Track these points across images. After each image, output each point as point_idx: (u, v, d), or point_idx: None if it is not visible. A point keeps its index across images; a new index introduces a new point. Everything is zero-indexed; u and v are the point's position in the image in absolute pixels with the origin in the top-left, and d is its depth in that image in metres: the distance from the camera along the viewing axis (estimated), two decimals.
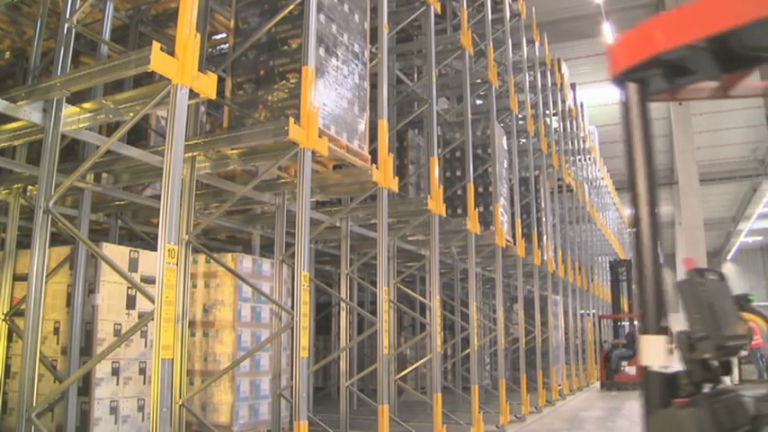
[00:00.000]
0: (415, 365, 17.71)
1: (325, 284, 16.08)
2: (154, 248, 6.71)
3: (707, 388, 3.57)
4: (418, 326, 21.09)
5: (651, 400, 3.52)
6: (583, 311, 27.85)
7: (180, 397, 7.98)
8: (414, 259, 16.94)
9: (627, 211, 54.93)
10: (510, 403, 15.77)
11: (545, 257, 21.16)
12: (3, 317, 8.32)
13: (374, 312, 10.88)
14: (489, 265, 19.78)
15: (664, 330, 3.52)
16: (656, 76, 3.74)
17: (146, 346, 8.76)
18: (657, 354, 3.49)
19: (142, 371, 8.75)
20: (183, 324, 7.93)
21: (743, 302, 3.96)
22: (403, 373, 16.74)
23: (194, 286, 10.24)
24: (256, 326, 10.33)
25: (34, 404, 6.75)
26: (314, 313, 16.43)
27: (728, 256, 73.20)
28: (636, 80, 3.80)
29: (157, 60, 6.24)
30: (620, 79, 3.84)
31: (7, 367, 8.53)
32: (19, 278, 8.44)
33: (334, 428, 11.24)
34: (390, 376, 12.64)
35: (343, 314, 14.03)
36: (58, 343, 8.54)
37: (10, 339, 8.54)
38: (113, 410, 8.36)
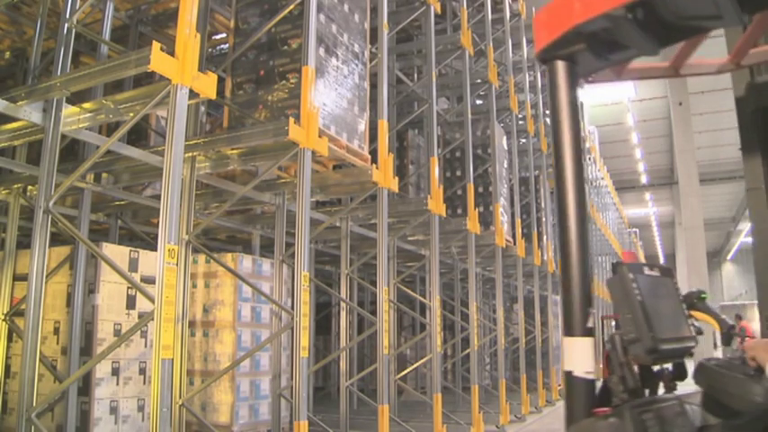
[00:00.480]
0: (415, 365, 17.72)
1: (326, 284, 16.08)
2: (154, 248, 6.71)
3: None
4: (418, 326, 21.06)
5: (574, 410, 3.20)
6: None
7: (180, 397, 7.97)
8: (414, 259, 16.93)
9: (627, 212, 54.98)
10: (510, 403, 15.77)
11: (545, 257, 21.17)
12: (3, 317, 8.32)
13: (374, 312, 10.88)
14: (489, 265, 19.76)
15: (589, 332, 3.22)
16: (584, 53, 3.37)
17: (146, 346, 8.76)
18: (582, 358, 3.19)
19: (142, 371, 8.75)
20: (183, 324, 7.93)
21: (694, 301, 3.57)
22: (403, 373, 16.77)
23: (194, 286, 10.24)
24: (256, 326, 10.33)
25: (34, 404, 6.75)
26: (314, 313, 16.41)
27: (729, 256, 73.22)
28: (562, 58, 3.44)
29: (157, 60, 6.24)
30: (544, 57, 3.48)
31: (7, 367, 8.52)
32: (19, 278, 8.43)
33: (334, 428, 11.24)
34: (390, 376, 12.65)
35: (343, 314, 14.04)
36: (58, 343, 8.54)
37: (10, 339, 8.53)
38: (113, 410, 8.36)
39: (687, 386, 3.34)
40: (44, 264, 7.07)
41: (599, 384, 3.20)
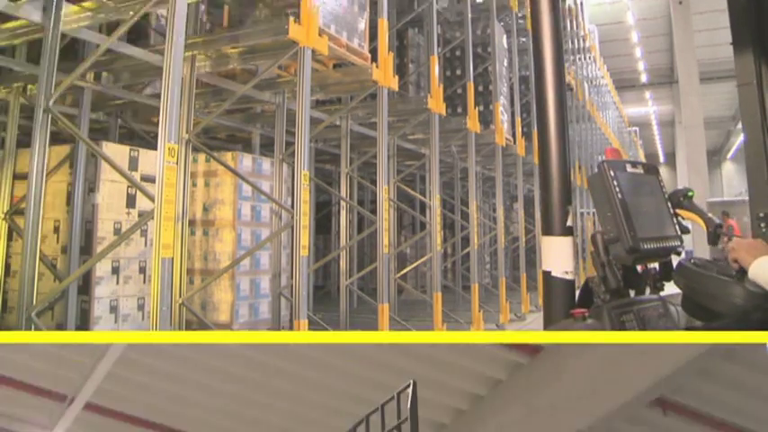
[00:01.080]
0: (414, 264, 17.87)
1: (326, 183, 16.07)
2: (154, 147, 6.68)
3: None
4: (418, 225, 21.04)
5: (552, 310, 3.21)
6: (582, 210, 27.88)
7: (180, 296, 8.04)
8: (414, 158, 16.94)
9: (627, 110, 54.77)
10: (510, 302, 15.91)
11: None
12: (3, 215, 8.34)
13: (374, 211, 10.93)
14: (489, 163, 19.66)
15: (569, 232, 3.24)
16: None
17: (146, 245, 8.79)
18: (560, 258, 3.19)
19: (142, 270, 8.79)
20: (182, 223, 7.96)
21: (680, 199, 3.46)
22: (403, 271, 16.87)
23: (194, 185, 10.22)
24: (256, 225, 10.35)
25: (34, 303, 6.77)
26: (314, 212, 16.37)
27: (728, 155, 73.08)
28: None
29: None
30: None
31: (7, 266, 8.59)
32: (19, 177, 8.43)
33: (333, 327, 11.34)
34: (390, 275, 12.68)
35: (343, 213, 14.10)
36: (57, 242, 8.58)
37: (10, 238, 8.58)
38: (113, 309, 8.42)
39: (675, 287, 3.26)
40: (44, 163, 7.04)
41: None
